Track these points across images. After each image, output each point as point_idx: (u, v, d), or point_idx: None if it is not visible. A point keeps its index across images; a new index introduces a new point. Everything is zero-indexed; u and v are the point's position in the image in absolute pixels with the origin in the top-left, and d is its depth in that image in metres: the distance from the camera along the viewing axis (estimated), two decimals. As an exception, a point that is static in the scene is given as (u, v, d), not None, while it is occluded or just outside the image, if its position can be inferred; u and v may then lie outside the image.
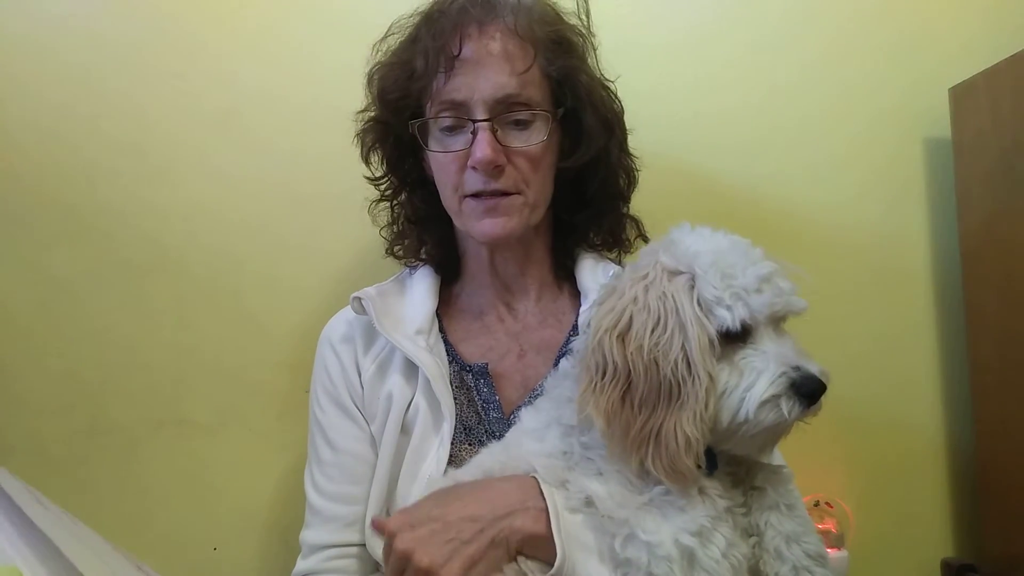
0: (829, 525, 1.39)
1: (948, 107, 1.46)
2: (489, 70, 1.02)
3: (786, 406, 0.78)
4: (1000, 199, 1.34)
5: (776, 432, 0.82)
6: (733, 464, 0.87)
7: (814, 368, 0.81)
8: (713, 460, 0.85)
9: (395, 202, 1.20)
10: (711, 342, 0.80)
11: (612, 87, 1.16)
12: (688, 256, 0.85)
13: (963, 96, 1.43)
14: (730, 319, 0.80)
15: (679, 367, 0.79)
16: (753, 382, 0.79)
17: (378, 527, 0.89)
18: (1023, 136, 1.30)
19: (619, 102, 1.17)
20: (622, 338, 0.82)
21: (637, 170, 1.20)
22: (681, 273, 0.84)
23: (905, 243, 1.50)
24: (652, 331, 0.81)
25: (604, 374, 0.82)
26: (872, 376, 1.48)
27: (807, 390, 0.79)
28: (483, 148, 1.01)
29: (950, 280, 1.48)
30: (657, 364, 0.80)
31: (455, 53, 1.02)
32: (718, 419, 0.80)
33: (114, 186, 1.41)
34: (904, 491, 1.48)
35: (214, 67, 1.43)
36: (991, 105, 1.36)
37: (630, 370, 0.80)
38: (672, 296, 0.82)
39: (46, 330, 1.39)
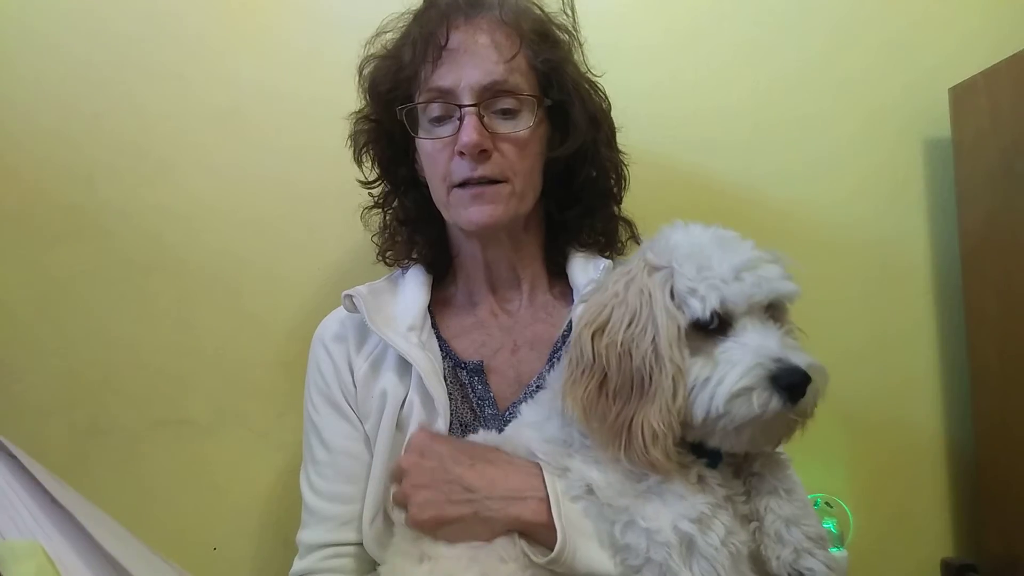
0: (829, 524, 1.39)
1: (948, 107, 1.45)
2: (476, 58, 1.03)
3: (758, 399, 0.76)
4: (1000, 199, 1.34)
5: (761, 427, 0.79)
6: (734, 454, 0.87)
7: (800, 360, 0.78)
8: (717, 454, 0.85)
9: (388, 207, 1.21)
10: (680, 333, 0.80)
11: (599, 84, 1.17)
12: (669, 251, 0.86)
13: (963, 96, 1.43)
14: (700, 308, 0.80)
15: (648, 359, 0.80)
16: (725, 374, 0.78)
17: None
18: (1023, 136, 1.29)
19: (607, 99, 1.17)
20: (599, 332, 0.83)
21: (626, 165, 1.20)
22: (662, 268, 0.84)
23: (905, 243, 1.50)
24: (628, 326, 0.82)
25: (582, 367, 0.84)
26: (872, 375, 1.48)
27: (787, 382, 0.76)
28: (469, 132, 1.02)
29: (950, 279, 1.48)
30: (631, 357, 0.81)
31: (442, 43, 1.04)
32: (693, 413, 0.80)
33: (115, 185, 1.41)
34: (904, 490, 1.47)
35: (215, 65, 1.44)
36: (991, 105, 1.36)
37: (604, 364, 0.82)
38: (649, 291, 0.82)
39: (46, 329, 1.39)
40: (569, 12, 1.14)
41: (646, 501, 0.80)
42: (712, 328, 0.81)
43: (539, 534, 0.83)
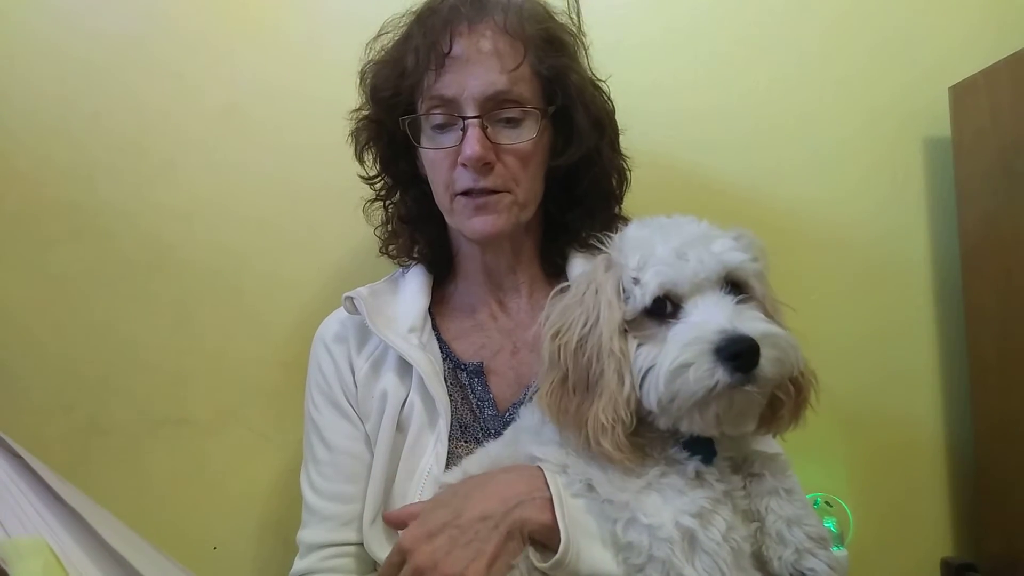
0: (829, 524, 1.39)
1: (948, 105, 1.45)
2: (479, 67, 1.02)
3: (695, 373, 0.74)
4: (999, 197, 1.34)
5: (721, 404, 0.77)
6: (732, 450, 0.87)
7: (749, 328, 0.76)
8: (712, 448, 0.85)
9: (389, 202, 1.21)
10: (622, 322, 0.81)
11: (604, 87, 1.17)
12: (623, 246, 0.87)
13: (963, 94, 1.43)
14: (639, 295, 0.80)
15: (594, 354, 0.81)
16: (666, 355, 0.77)
17: (391, 522, 0.92)
18: (1022, 135, 1.29)
19: (611, 102, 1.17)
20: (558, 333, 0.84)
21: (629, 169, 1.20)
22: (613, 265, 0.85)
23: (905, 241, 1.50)
24: (583, 325, 0.83)
25: (546, 366, 0.86)
26: (871, 374, 1.48)
27: (731, 352, 0.74)
28: (472, 145, 1.01)
29: (949, 278, 1.48)
30: (584, 353, 0.82)
31: (446, 51, 1.03)
32: (647, 400, 0.80)
33: (115, 183, 1.41)
34: (903, 490, 1.47)
35: (215, 64, 1.44)
36: (991, 104, 1.36)
37: (564, 362, 0.83)
38: (599, 288, 0.83)
39: (46, 329, 1.39)
40: (574, 15, 1.14)
41: (646, 496, 0.80)
42: (665, 313, 0.81)
43: (545, 535, 0.82)
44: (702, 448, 0.84)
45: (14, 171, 1.39)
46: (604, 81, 1.17)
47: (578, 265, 1.14)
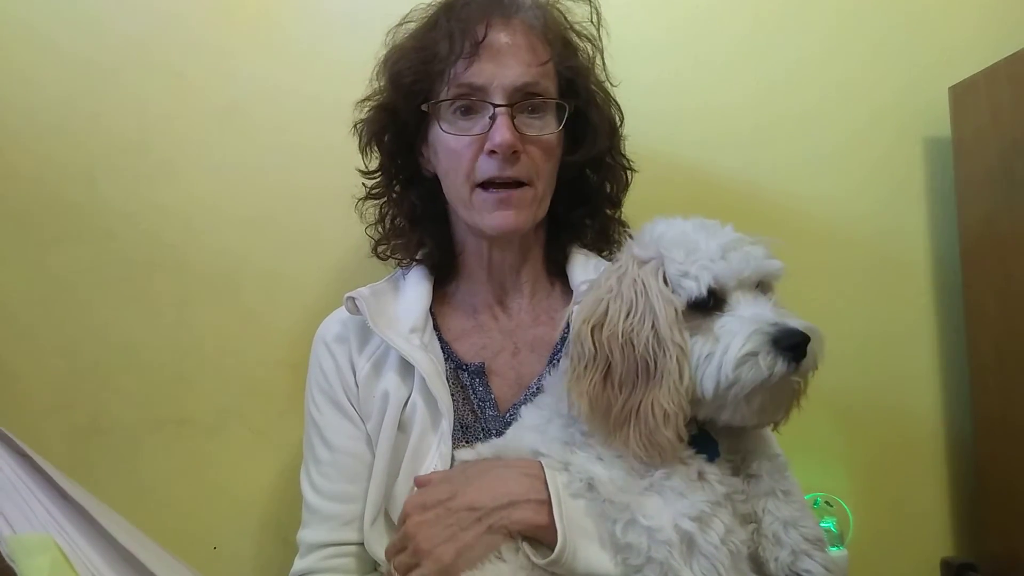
0: (829, 524, 1.39)
1: (948, 105, 1.46)
2: (512, 59, 1.05)
3: (764, 361, 0.79)
4: (999, 197, 1.35)
5: (769, 392, 0.81)
6: (733, 452, 0.88)
7: (795, 323, 0.81)
8: (715, 447, 0.86)
9: (384, 200, 1.21)
10: (678, 314, 0.83)
11: (613, 94, 1.19)
12: (655, 242, 0.89)
13: (963, 95, 1.43)
14: (696, 287, 0.83)
15: (650, 344, 0.82)
16: (728, 344, 0.80)
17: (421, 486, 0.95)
18: (1022, 135, 1.30)
19: (620, 108, 1.20)
20: (599, 326, 0.85)
21: (633, 170, 1.22)
22: (651, 258, 0.87)
23: (905, 241, 1.50)
24: (627, 316, 0.84)
25: (584, 362, 0.85)
26: (872, 373, 1.48)
27: (788, 343, 0.79)
28: (503, 132, 1.02)
29: (949, 277, 1.49)
30: (633, 345, 0.83)
31: (479, 39, 1.04)
32: (703, 388, 0.82)
33: (115, 183, 1.41)
34: (903, 489, 1.48)
35: (215, 63, 1.44)
36: (991, 104, 1.36)
37: (608, 355, 0.84)
38: (642, 281, 0.85)
39: (47, 328, 1.39)
40: (594, 21, 1.16)
41: (647, 498, 0.81)
42: (708, 307, 0.84)
43: (541, 535, 0.83)
44: (706, 446, 0.85)
45: (14, 171, 1.39)
46: (616, 86, 1.19)
47: (579, 263, 1.15)
